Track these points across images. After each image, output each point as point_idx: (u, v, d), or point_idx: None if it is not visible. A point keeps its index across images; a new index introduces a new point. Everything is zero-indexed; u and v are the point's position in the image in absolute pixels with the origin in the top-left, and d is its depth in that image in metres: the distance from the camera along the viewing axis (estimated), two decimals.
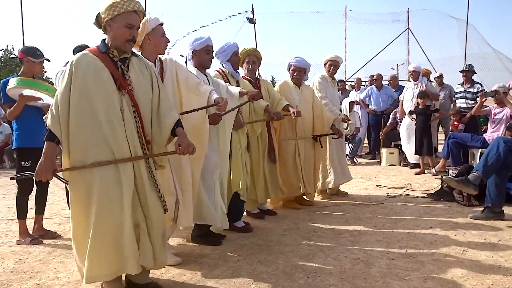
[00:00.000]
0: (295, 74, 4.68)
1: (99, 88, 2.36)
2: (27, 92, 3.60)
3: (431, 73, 9.22)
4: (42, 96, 3.65)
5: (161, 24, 2.96)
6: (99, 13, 2.45)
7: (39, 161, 2.37)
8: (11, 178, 2.61)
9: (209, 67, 3.57)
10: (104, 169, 2.36)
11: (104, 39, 2.50)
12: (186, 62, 3.64)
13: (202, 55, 3.44)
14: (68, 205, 4.25)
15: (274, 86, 4.87)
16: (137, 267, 2.43)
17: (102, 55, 2.43)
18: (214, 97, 3.08)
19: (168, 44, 3.05)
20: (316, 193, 5.18)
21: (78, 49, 4.26)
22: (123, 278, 2.64)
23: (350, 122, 5.40)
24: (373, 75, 9.34)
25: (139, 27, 2.54)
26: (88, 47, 4.11)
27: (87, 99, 2.35)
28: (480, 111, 6.47)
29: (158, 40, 2.94)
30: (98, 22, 2.48)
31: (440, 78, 8.17)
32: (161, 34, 2.95)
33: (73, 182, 2.42)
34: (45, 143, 2.38)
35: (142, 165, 2.49)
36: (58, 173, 2.43)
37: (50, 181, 3.98)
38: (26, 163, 3.69)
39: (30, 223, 3.89)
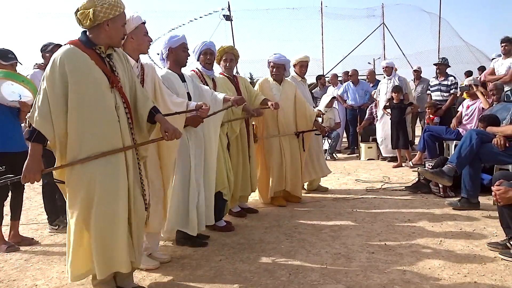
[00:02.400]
0: (274, 71, 4.71)
1: (92, 86, 2.33)
2: (5, 85, 3.49)
3: (397, 69, 9.40)
4: (19, 89, 3.55)
5: (144, 23, 2.94)
6: (94, 10, 2.30)
7: (26, 162, 2.30)
8: None
9: (185, 65, 3.55)
10: (101, 165, 2.34)
11: (85, 33, 2.41)
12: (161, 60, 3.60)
13: (178, 53, 3.42)
14: (46, 210, 4.19)
15: (254, 84, 4.90)
16: (130, 265, 2.46)
17: (89, 50, 2.37)
18: (193, 104, 3.12)
19: (151, 43, 3.03)
20: (307, 189, 5.30)
21: (44, 48, 4.16)
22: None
23: (324, 116, 5.49)
24: (348, 71, 9.46)
25: None
26: (59, 45, 4.05)
27: (80, 97, 2.30)
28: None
29: (141, 39, 2.92)
30: (95, 18, 2.32)
31: (417, 72, 8.30)
32: (144, 33, 2.93)
33: (71, 183, 2.39)
34: (31, 144, 2.31)
35: (131, 158, 2.49)
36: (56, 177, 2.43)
37: (25, 186, 3.93)
38: (1, 168, 3.59)
39: (5, 230, 3.79)
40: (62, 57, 2.30)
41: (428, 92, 7.67)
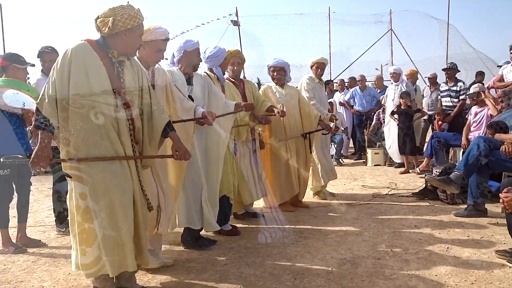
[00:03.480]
0: (275, 74, 4.78)
1: (95, 84, 2.38)
2: (8, 92, 3.54)
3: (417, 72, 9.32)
4: (23, 97, 3.60)
5: (165, 40, 2.96)
6: (114, 19, 2.40)
7: (35, 150, 2.37)
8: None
9: (197, 70, 3.59)
10: (109, 165, 2.40)
11: (103, 37, 2.49)
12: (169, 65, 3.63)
13: (193, 57, 3.46)
14: (54, 212, 4.22)
15: (259, 89, 4.93)
16: (135, 264, 2.50)
17: (101, 52, 2.46)
18: (200, 110, 3.16)
19: (160, 60, 3.04)
20: (313, 193, 5.34)
21: (42, 50, 4.17)
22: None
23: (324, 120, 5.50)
24: (354, 77, 9.44)
25: None
26: (54, 49, 4.10)
27: (84, 92, 2.35)
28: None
29: (152, 54, 2.95)
30: (113, 27, 2.41)
31: (432, 78, 8.21)
32: (157, 49, 2.95)
33: (76, 181, 2.43)
34: (40, 132, 2.38)
35: (133, 164, 2.54)
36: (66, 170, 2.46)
37: (32, 188, 3.96)
38: (5, 171, 3.62)
39: (13, 232, 3.82)
40: (74, 50, 2.38)
41: (439, 97, 7.60)
